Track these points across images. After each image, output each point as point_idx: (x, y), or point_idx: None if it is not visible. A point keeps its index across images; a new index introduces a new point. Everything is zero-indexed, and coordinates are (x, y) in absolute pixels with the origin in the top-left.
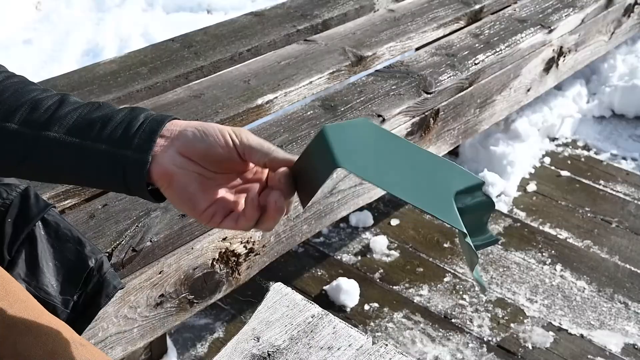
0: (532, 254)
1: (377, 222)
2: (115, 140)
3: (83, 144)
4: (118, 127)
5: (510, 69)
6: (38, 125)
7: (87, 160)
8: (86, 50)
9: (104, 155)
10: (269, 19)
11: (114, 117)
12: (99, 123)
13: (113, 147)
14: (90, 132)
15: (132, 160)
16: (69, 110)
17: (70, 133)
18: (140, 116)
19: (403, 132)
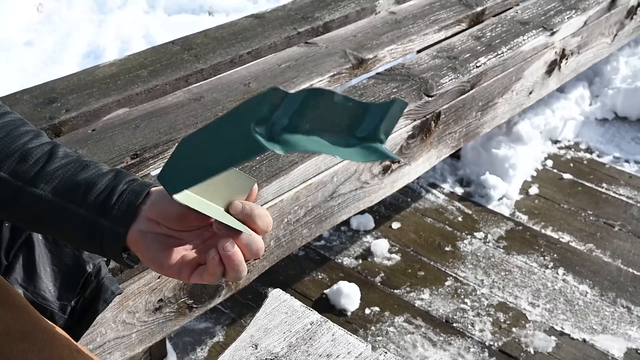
0: (534, 258)
1: (378, 226)
2: (96, 208)
3: (66, 206)
4: (100, 194)
5: (512, 71)
6: (25, 179)
7: (69, 222)
8: (87, 51)
9: (85, 221)
10: (269, 21)
11: (97, 182)
12: (83, 187)
13: (94, 214)
14: (75, 195)
15: (109, 231)
16: (56, 167)
17: (56, 192)
18: (122, 185)
19: (404, 136)
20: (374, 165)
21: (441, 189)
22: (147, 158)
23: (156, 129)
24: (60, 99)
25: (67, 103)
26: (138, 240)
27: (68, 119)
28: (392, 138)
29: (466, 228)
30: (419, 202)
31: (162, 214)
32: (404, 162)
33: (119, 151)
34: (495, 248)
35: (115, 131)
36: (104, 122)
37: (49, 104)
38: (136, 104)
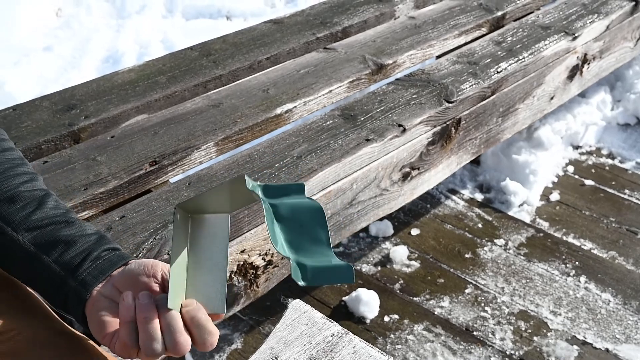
0: (556, 265)
1: (397, 232)
2: (70, 268)
3: (42, 258)
4: (77, 256)
5: (533, 77)
6: (9, 222)
7: (40, 274)
8: (106, 56)
9: (55, 278)
10: (288, 27)
11: (77, 243)
12: (63, 244)
13: (66, 273)
14: (52, 251)
15: (74, 292)
16: (42, 217)
17: (35, 243)
18: (100, 251)
19: (424, 142)
20: (394, 171)
21: (461, 195)
22: (165, 165)
23: (175, 135)
24: (80, 105)
25: (86, 109)
26: (94, 302)
27: (87, 125)
28: (411, 145)
29: (486, 235)
30: (439, 209)
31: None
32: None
33: (138, 158)
34: (516, 255)
35: (134, 138)
36: (122, 129)
37: (68, 110)
38: (155, 111)
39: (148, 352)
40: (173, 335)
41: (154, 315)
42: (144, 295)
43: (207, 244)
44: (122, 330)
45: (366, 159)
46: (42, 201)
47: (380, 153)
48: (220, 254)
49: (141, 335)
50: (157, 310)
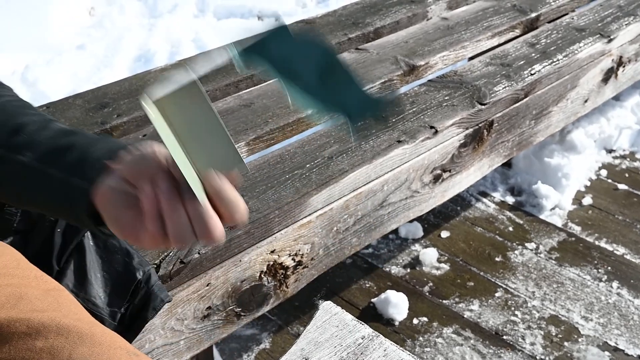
0: (588, 270)
1: (427, 234)
2: (69, 169)
3: (46, 170)
4: (76, 157)
5: (567, 79)
6: (13, 148)
7: (46, 187)
8: (138, 55)
9: (60, 184)
10: (320, 27)
11: (76, 144)
12: (64, 150)
13: (67, 174)
14: (55, 160)
15: (77, 189)
16: (45, 137)
17: (39, 159)
18: (101, 144)
19: (456, 144)
20: (425, 173)
21: (492, 197)
22: None
23: None
24: (112, 104)
25: (119, 108)
26: (106, 196)
27: (119, 124)
28: (443, 147)
29: (517, 238)
30: (469, 211)
31: (135, 171)
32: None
33: None
34: (547, 259)
35: None
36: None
37: (100, 108)
38: None
39: (179, 240)
40: (204, 222)
41: (178, 203)
42: (163, 183)
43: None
44: (148, 223)
45: (397, 160)
46: (46, 125)
47: (412, 155)
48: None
49: (169, 224)
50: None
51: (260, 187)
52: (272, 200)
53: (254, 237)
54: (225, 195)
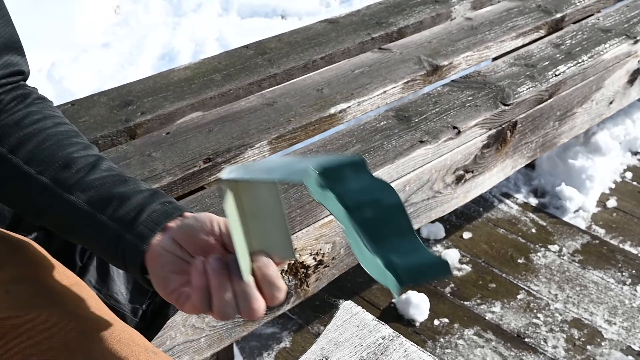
0: (611, 273)
1: (448, 235)
2: (125, 222)
3: (97, 217)
4: (131, 211)
5: (592, 80)
6: (65, 186)
7: (97, 233)
8: (162, 54)
9: (112, 234)
10: (343, 27)
11: (131, 198)
12: (117, 200)
13: (121, 228)
14: (107, 207)
15: (131, 246)
16: (96, 178)
17: (90, 202)
18: (155, 204)
19: (479, 145)
20: (447, 174)
21: (514, 199)
22: (219, 162)
23: (229, 133)
24: (136, 101)
25: (143, 106)
26: (156, 257)
27: (143, 121)
28: (466, 147)
29: (540, 240)
30: (492, 212)
31: (189, 238)
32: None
33: (192, 155)
34: (571, 262)
35: (189, 135)
36: (178, 126)
37: (124, 106)
38: (210, 108)
39: (222, 316)
40: (248, 302)
41: (227, 281)
42: (215, 260)
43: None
44: (195, 296)
45: (419, 160)
46: (96, 164)
47: (434, 155)
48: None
49: (215, 301)
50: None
51: (281, 185)
52: (294, 199)
53: None
54: (272, 279)
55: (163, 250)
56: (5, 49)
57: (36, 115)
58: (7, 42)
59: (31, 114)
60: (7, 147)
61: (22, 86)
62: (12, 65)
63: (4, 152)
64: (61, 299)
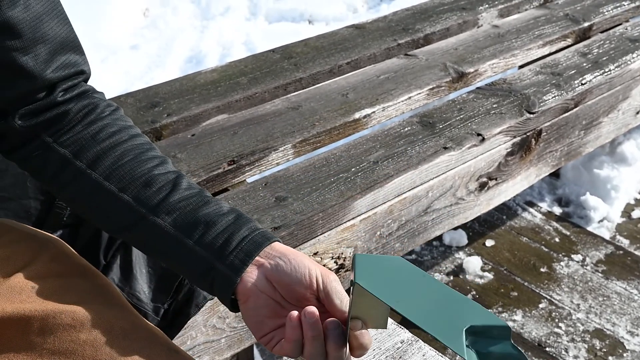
0: (635, 285)
1: (471, 242)
2: (214, 250)
3: (184, 241)
4: (219, 237)
5: (619, 90)
6: (148, 206)
7: (183, 257)
8: (189, 57)
9: (200, 261)
10: (370, 32)
11: (217, 223)
12: (203, 224)
13: (210, 256)
14: (193, 232)
15: (222, 276)
16: (179, 199)
17: (175, 225)
18: (243, 231)
19: (503, 152)
20: (471, 181)
21: (538, 207)
22: (243, 165)
23: (254, 136)
24: (163, 103)
25: (169, 107)
26: (250, 297)
27: (169, 123)
28: (490, 155)
29: (563, 249)
30: (515, 221)
31: (285, 286)
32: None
33: (217, 157)
34: (594, 272)
35: (214, 137)
36: (203, 128)
37: (151, 107)
38: (235, 111)
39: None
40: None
41: (321, 334)
42: (311, 314)
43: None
44: (287, 345)
45: (443, 167)
46: (176, 183)
47: (458, 162)
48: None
49: (307, 349)
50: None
51: (305, 189)
52: (317, 203)
53: (297, 238)
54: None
55: (257, 290)
56: (63, 48)
57: (111, 128)
58: (65, 41)
59: (106, 127)
60: (85, 162)
61: (89, 93)
62: (72, 65)
63: (83, 168)
64: (86, 296)
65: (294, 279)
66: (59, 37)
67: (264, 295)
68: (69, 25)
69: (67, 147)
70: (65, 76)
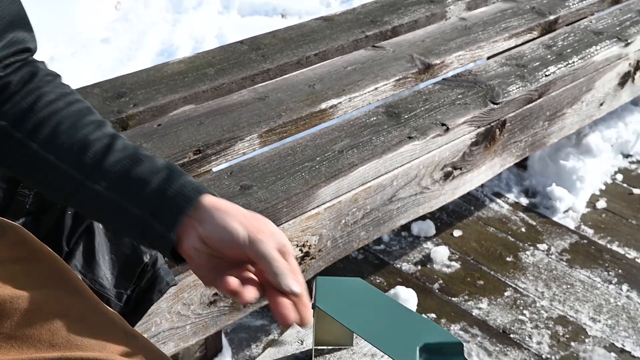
0: (598, 273)
1: (439, 233)
2: (148, 208)
3: (121, 203)
4: (153, 195)
5: (582, 82)
6: (85, 172)
7: (123, 218)
8: (161, 50)
9: (137, 221)
10: (338, 24)
11: (150, 181)
12: (136, 185)
13: (145, 214)
14: (127, 193)
15: (159, 235)
16: (113, 162)
17: (111, 188)
18: (175, 186)
19: (467, 142)
20: (435, 170)
21: (506, 198)
22: (209, 154)
23: (220, 126)
24: (129, 93)
25: (135, 98)
26: (191, 255)
27: (135, 113)
28: (454, 145)
29: (529, 239)
30: (482, 211)
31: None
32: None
33: (183, 146)
34: (558, 261)
35: (180, 127)
36: (169, 118)
37: (117, 98)
38: (202, 101)
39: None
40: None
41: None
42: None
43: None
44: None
45: (407, 156)
46: (111, 145)
47: (422, 151)
48: None
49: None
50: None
51: (269, 178)
52: (281, 191)
53: None
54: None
55: (195, 249)
56: (11, 26)
57: (49, 97)
58: (14, 19)
59: (44, 95)
60: (24, 133)
61: (29, 62)
62: (19, 42)
63: (22, 138)
64: (45, 281)
65: (224, 242)
66: (9, 16)
67: (204, 254)
68: (19, 3)
69: (5, 119)
70: (10, 53)
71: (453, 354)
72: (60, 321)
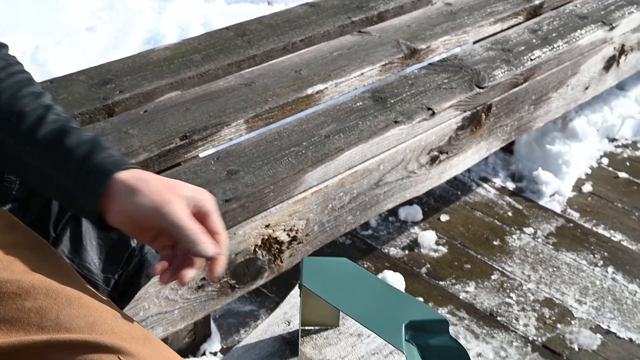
0: (584, 255)
1: (426, 217)
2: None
3: (50, 173)
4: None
5: (567, 66)
6: (20, 143)
7: (52, 188)
8: (147, 38)
9: (65, 190)
10: (324, 10)
11: (75, 152)
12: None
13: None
14: (55, 163)
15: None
16: (45, 133)
17: (41, 158)
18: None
19: (453, 127)
20: (422, 154)
21: (492, 183)
22: (195, 140)
23: (206, 112)
24: (115, 80)
25: (121, 84)
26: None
27: (121, 99)
28: (440, 129)
29: (516, 223)
30: (469, 196)
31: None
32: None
33: (169, 132)
34: (545, 244)
35: (166, 113)
36: (155, 104)
37: (103, 85)
38: (188, 88)
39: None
40: None
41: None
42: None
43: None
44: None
45: (394, 140)
46: (44, 116)
47: (409, 135)
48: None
49: None
50: None
51: (256, 162)
52: (268, 176)
53: (248, 210)
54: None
55: (118, 222)
56: None
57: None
58: None
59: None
60: None
61: None
62: None
63: None
64: (33, 266)
65: (137, 217)
66: None
67: (128, 225)
68: None
69: None
70: None
71: (438, 330)
72: (48, 304)
